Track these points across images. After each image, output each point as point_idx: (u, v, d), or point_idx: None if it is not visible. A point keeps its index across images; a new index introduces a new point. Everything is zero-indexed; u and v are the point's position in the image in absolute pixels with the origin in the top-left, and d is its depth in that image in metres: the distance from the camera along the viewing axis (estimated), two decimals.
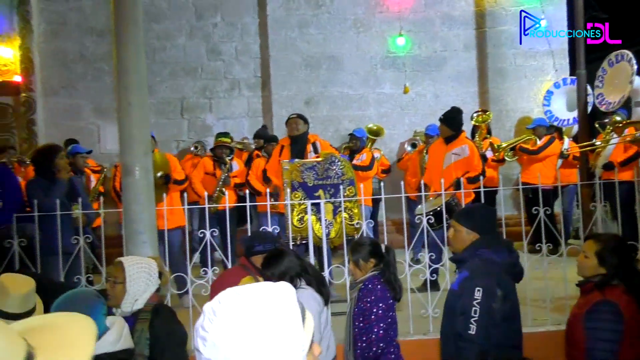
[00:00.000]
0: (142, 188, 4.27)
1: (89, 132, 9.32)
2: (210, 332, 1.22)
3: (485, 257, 3.03)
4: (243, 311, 1.22)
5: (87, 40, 9.38)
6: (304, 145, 6.22)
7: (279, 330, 1.22)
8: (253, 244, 3.67)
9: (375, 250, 3.64)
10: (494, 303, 2.91)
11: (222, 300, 1.24)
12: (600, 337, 2.86)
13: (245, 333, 1.20)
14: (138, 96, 4.25)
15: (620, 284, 2.96)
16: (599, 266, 3.02)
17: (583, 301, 3.06)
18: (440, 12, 9.81)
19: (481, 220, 3.20)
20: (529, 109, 9.77)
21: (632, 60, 7.17)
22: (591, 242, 3.11)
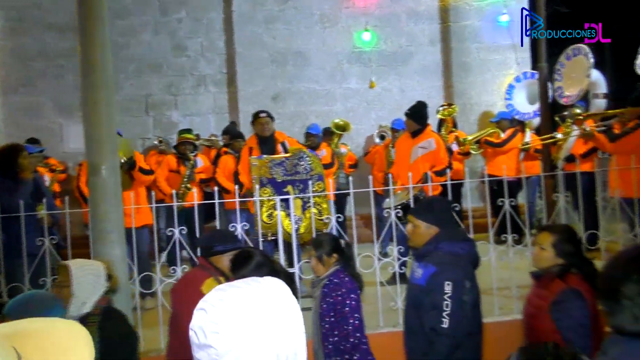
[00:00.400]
0: (110, 187, 4.22)
1: (50, 131, 9.13)
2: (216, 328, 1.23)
3: (450, 250, 3.10)
4: (246, 306, 1.24)
5: (47, 37, 9.19)
6: (273, 145, 6.18)
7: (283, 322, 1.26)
8: (212, 244, 3.52)
9: (338, 246, 3.68)
10: (464, 295, 2.99)
11: (223, 298, 1.26)
12: (572, 325, 2.89)
13: (250, 327, 1.22)
14: (104, 94, 4.18)
15: (577, 272, 3.01)
16: (556, 257, 3.05)
17: (544, 292, 3.05)
18: (405, 7, 9.89)
19: (440, 213, 3.25)
20: (492, 102, 9.94)
21: (588, 54, 7.33)
22: (546, 234, 3.12)
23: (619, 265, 1.77)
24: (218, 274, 3.45)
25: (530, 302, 3.19)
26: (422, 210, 3.30)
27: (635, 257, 1.76)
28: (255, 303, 1.25)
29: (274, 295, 1.29)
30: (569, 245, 3.07)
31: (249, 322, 1.22)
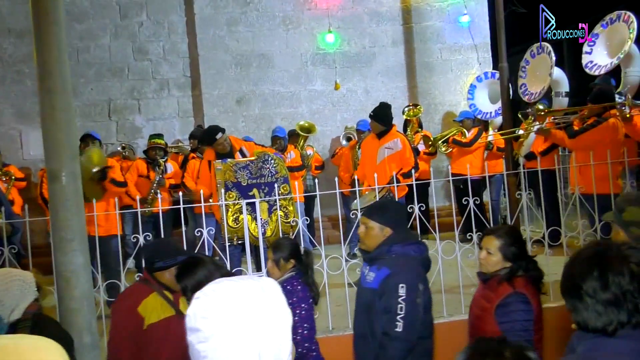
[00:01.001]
0: (70, 194, 4.11)
1: (10, 138, 8.91)
2: (204, 328, 1.34)
3: (403, 253, 3.07)
4: (235, 298, 1.35)
5: (5, 42, 8.96)
6: (231, 155, 6.04)
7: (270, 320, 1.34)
8: (153, 260, 3.43)
9: (297, 252, 3.64)
10: (417, 298, 2.96)
11: (216, 289, 1.38)
12: (516, 328, 2.91)
13: (236, 316, 1.32)
14: (62, 99, 4.08)
15: (523, 274, 3.05)
16: (503, 261, 3.07)
17: (490, 294, 3.07)
18: (367, 8, 9.93)
19: (394, 214, 3.22)
20: (456, 102, 10.05)
21: (551, 52, 7.49)
22: (492, 238, 3.12)
23: (579, 262, 1.80)
24: (162, 288, 3.38)
25: (476, 304, 3.21)
26: (376, 212, 3.25)
27: (593, 254, 1.79)
28: (245, 297, 1.34)
29: (265, 293, 1.37)
30: (515, 248, 3.09)
31: (236, 312, 1.32)
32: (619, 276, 1.68)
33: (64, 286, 4.14)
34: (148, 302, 3.31)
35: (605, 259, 1.73)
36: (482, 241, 3.22)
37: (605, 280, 1.69)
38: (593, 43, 7.00)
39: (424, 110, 9.30)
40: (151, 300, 3.32)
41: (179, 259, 3.37)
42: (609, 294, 1.68)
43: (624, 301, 1.67)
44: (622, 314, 1.67)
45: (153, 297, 3.34)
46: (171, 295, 3.40)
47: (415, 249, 3.14)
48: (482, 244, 3.20)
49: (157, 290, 3.37)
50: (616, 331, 1.67)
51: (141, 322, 3.26)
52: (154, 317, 3.28)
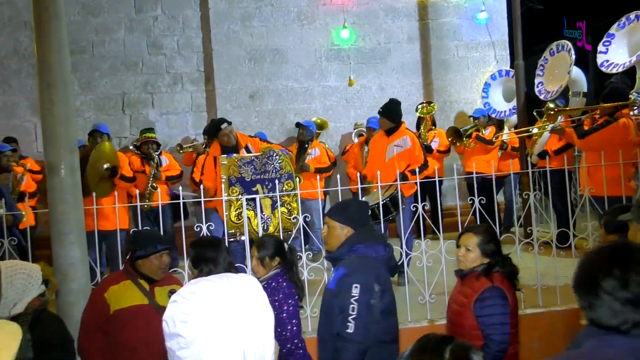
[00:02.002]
0: (68, 187, 4.14)
1: (25, 131, 9.00)
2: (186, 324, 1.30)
3: (363, 253, 3.00)
4: (215, 299, 1.31)
5: (21, 35, 9.04)
6: (236, 151, 6.08)
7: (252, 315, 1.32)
8: (134, 249, 3.51)
9: (281, 249, 3.62)
10: (372, 299, 2.88)
11: (195, 291, 1.33)
12: (494, 322, 2.99)
13: (218, 318, 1.29)
14: (61, 93, 4.10)
15: (498, 270, 3.15)
16: (481, 257, 3.18)
17: (468, 290, 3.14)
18: (383, 4, 9.83)
19: (355, 214, 3.15)
20: (472, 100, 9.90)
21: (571, 50, 7.33)
22: (471, 235, 3.23)
23: (599, 259, 1.79)
24: (138, 277, 3.48)
25: (455, 300, 3.26)
26: (337, 211, 3.21)
27: (616, 252, 1.79)
28: (225, 297, 1.30)
29: (245, 290, 1.34)
30: (492, 245, 3.21)
31: (217, 314, 1.28)
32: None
33: (62, 279, 4.17)
34: (117, 288, 3.42)
35: (628, 259, 1.73)
36: (460, 239, 3.30)
37: (626, 279, 1.69)
38: (609, 43, 6.83)
39: (438, 108, 9.18)
40: (121, 287, 3.43)
41: (159, 247, 3.46)
42: (628, 293, 1.68)
43: None
44: (638, 314, 1.67)
45: (124, 285, 3.45)
46: (147, 285, 3.49)
47: (376, 249, 3.06)
48: (460, 241, 3.29)
49: (132, 278, 3.47)
50: (629, 330, 1.67)
51: (107, 308, 3.38)
52: (123, 303, 3.39)
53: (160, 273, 3.52)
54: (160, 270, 3.51)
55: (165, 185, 7.34)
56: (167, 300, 3.38)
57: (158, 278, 3.51)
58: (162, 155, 7.62)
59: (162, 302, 3.44)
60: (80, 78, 9.11)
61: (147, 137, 7.56)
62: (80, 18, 9.16)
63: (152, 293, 3.47)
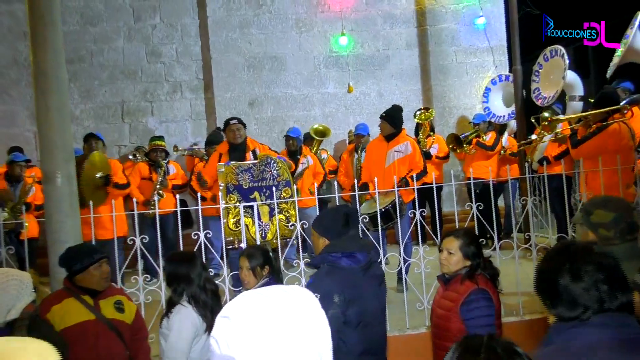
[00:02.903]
0: (65, 196, 4.13)
1: (25, 140, 8.99)
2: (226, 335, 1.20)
3: (335, 263, 2.97)
4: (269, 315, 1.20)
5: (20, 45, 9.07)
6: (243, 153, 6.06)
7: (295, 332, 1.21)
8: (70, 265, 3.44)
9: (268, 257, 3.66)
10: (330, 310, 2.82)
11: (249, 307, 1.23)
12: (481, 323, 3.02)
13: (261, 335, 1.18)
14: (57, 101, 4.10)
15: (481, 272, 3.21)
16: (463, 259, 3.23)
17: (453, 294, 3.18)
18: (381, 10, 9.84)
19: (329, 224, 3.13)
20: (471, 105, 9.90)
21: (564, 55, 7.32)
22: (452, 239, 3.28)
23: (550, 259, 1.96)
24: (81, 292, 3.40)
25: (439, 305, 3.28)
26: (316, 221, 3.23)
27: (562, 249, 1.97)
28: (280, 312, 1.21)
29: (299, 302, 1.26)
30: (474, 247, 3.27)
31: (271, 332, 1.18)
32: (588, 265, 1.83)
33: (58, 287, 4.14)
34: (58, 307, 3.33)
35: (573, 252, 1.89)
36: (442, 243, 3.36)
37: (576, 270, 1.83)
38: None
39: (437, 114, 9.17)
40: (64, 306, 3.34)
41: (96, 257, 3.41)
42: (582, 283, 1.81)
43: (595, 289, 1.80)
44: (594, 301, 1.79)
45: (67, 302, 3.36)
46: (91, 300, 3.41)
47: (352, 259, 2.99)
48: (442, 245, 3.34)
49: (74, 295, 3.39)
50: (589, 318, 1.78)
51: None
52: (68, 321, 3.30)
53: (103, 282, 3.45)
54: (102, 280, 3.44)
55: (171, 193, 7.34)
56: (113, 312, 3.39)
57: (101, 289, 3.44)
58: (169, 163, 7.62)
59: (110, 314, 3.41)
60: (79, 87, 9.13)
61: (156, 145, 7.56)
62: (79, 27, 9.18)
63: (98, 307, 3.40)
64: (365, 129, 8.01)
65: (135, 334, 3.55)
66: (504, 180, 8.06)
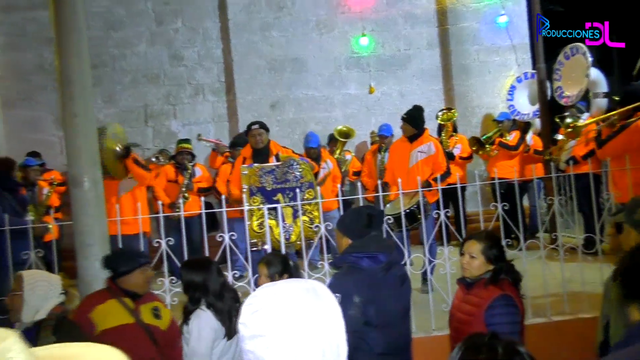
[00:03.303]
0: (91, 199, 4.18)
1: (50, 144, 9.14)
2: (252, 325, 1.29)
3: (354, 263, 2.95)
4: (294, 299, 1.31)
5: (45, 51, 9.21)
6: (266, 157, 6.10)
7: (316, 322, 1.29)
8: (115, 267, 3.46)
9: (287, 264, 3.62)
10: (350, 310, 2.80)
11: (271, 292, 1.34)
12: (504, 330, 2.93)
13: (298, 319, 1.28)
14: (82, 106, 4.15)
15: (505, 277, 3.11)
16: (486, 263, 3.14)
17: (475, 299, 3.11)
18: (402, 10, 9.81)
19: (351, 224, 3.12)
20: (493, 104, 9.81)
21: (586, 53, 7.21)
22: (474, 242, 3.20)
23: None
24: (122, 295, 3.40)
25: (460, 309, 3.22)
26: (339, 221, 3.21)
27: None
28: (301, 297, 1.31)
29: (316, 292, 1.35)
30: (496, 250, 3.18)
31: (296, 314, 1.28)
32: None
33: (86, 290, 4.20)
34: (102, 308, 3.33)
35: None
36: (463, 247, 3.27)
37: None
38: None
39: (459, 113, 9.11)
40: (107, 307, 3.34)
41: (142, 261, 3.43)
42: None
43: None
44: None
45: (110, 304, 3.36)
46: (132, 303, 3.41)
47: (369, 260, 2.97)
48: (463, 249, 3.25)
49: (117, 297, 3.39)
50: None
51: (93, 328, 3.28)
52: (109, 323, 3.30)
53: (146, 286, 3.48)
54: (146, 284, 3.47)
55: (197, 196, 7.38)
56: (152, 317, 3.38)
57: (143, 292, 3.46)
58: (195, 166, 7.66)
59: (148, 319, 3.40)
60: (102, 92, 9.24)
61: (182, 148, 7.62)
62: (102, 33, 9.29)
63: (138, 311, 3.41)
64: (388, 130, 7.99)
65: (170, 341, 3.55)
66: (528, 179, 7.98)
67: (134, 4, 9.41)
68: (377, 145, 8.13)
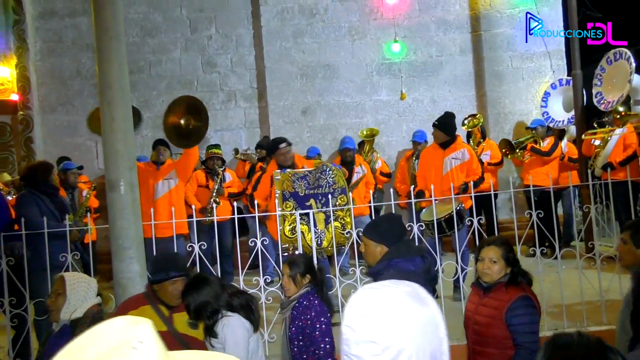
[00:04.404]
0: (127, 203, 4.24)
1: (86, 148, 9.34)
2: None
3: (403, 268, 2.96)
4: (403, 303, 1.27)
5: (83, 57, 9.42)
6: None
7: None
8: (155, 271, 3.40)
9: (311, 266, 3.62)
10: None
11: (378, 294, 1.31)
12: (527, 330, 3.09)
13: (408, 322, 1.24)
14: (121, 111, 4.23)
15: (522, 279, 3.26)
16: (506, 267, 3.28)
17: (495, 302, 3.21)
18: (434, 16, 9.77)
19: (386, 231, 3.13)
20: (527, 111, 9.70)
21: (630, 58, 7.08)
22: (493, 248, 3.31)
23: None
24: (157, 302, 3.35)
25: (479, 313, 3.31)
26: (369, 229, 3.21)
27: None
28: (410, 303, 1.28)
29: (422, 296, 1.32)
30: (512, 255, 3.32)
31: (408, 322, 1.24)
32: None
33: (121, 293, 4.27)
34: (135, 314, 3.20)
35: None
36: (481, 252, 3.37)
37: None
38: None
39: (492, 120, 9.02)
40: (139, 313, 3.25)
41: (172, 274, 3.32)
42: None
43: None
44: None
45: (143, 310, 3.31)
46: (167, 311, 3.35)
47: (415, 263, 3.02)
48: (481, 254, 3.36)
49: (152, 303, 3.36)
50: None
51: None
52: None
53: (175, 300, 3.34)
54: (174, 297, 3.34)
55: (227, 201, 7.44)
56: (186, 327, 3.27)
57: (174, 304, 3.36)
58: (226, 171, 7.73)
59: (182, 329, 3.31)
60: (138, 97, 9.40)
61: (213, 153, 7.68)
62: (139, 39, 9.46)
63: (171, 319, 3.33)
64: (422, 136, 7.97)
65: None
66: (562, 187, 7.85)
67: (170, 11, 9.56)
68: (412, 151, 8.11)
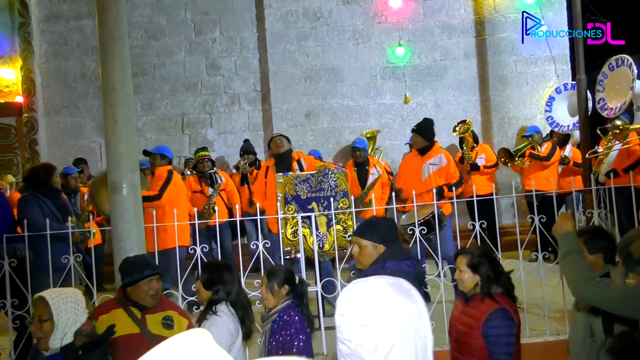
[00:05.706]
0: (130, 205, 4.25)
1: (91, 151, 9.36)
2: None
3: (397, 269, 2.96)
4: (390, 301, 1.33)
5: (87, 60, 9.45)
6: (289, 163, 6.18)
7: None
8: (123, 277, 3.41)
9: (290, 277, 3.56)
10: None
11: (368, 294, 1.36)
12: (501, 342, 3.05)
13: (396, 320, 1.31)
14: (124, 113, 4.24)
15: (499, 288, 3.18)
16: (474, 275, 3.20)
17: (474, 312, 3.17)
18: (439, 21, 9.77)
19: (386, 231, 3.14)
20: (531, 115, 9.68)
21: (632, 65, 7.05)
22: (461, 257, 3.28)
23: None
24: (130, 304, 3.35)
25: (458, 321, 3.30)
26: (367, 231, 3.19)
27: None
28: (396, 292, 1.35)
29: (405, 287, 1.38)
30: (483, 261, 3.20)
31: (395, 308, 1.31)
32: None
33: None
34: (106, 317, 3.26)
35: None
36: (456, 263, 3.35)
37: None
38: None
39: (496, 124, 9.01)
40: (111, 316, 3.27)
41: (146, 273, 3.33)
42: None
43: None
44: None
45: (115, 313, 3.31)
46: (139, 313, 3.34)
47: (408, 264, 3.06)
48: (456, 265, 3.33)
49: (124, 306, 3.34)
50: None
51: None
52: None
53: (150, 299, 3.35)
54: (149, 297, 3.34)
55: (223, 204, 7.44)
56: (160, 328, 3.28)
57: (149, 305, 3.36)
58: (218, 173, 7.73)
59: (155, 330, 3.29)
60: (142, 99, 9.43)
61: (202, 156, 7.69)
62: (143, 42, 9.49)
63: (144, 321, 3.31)
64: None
65: None
66: (565, 192, 7.83)
67: (174, 14, 9.59)
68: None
